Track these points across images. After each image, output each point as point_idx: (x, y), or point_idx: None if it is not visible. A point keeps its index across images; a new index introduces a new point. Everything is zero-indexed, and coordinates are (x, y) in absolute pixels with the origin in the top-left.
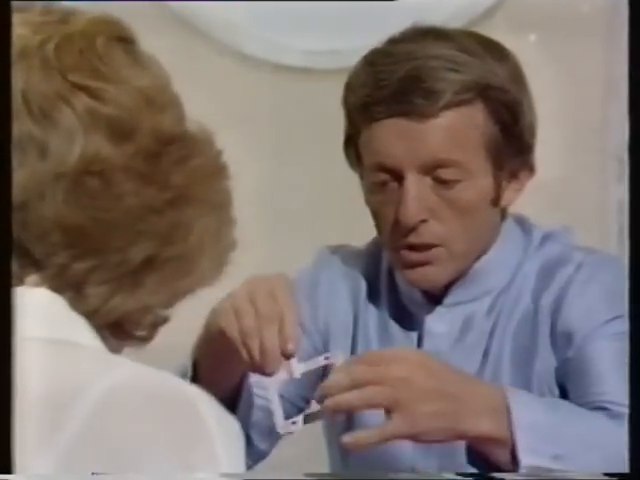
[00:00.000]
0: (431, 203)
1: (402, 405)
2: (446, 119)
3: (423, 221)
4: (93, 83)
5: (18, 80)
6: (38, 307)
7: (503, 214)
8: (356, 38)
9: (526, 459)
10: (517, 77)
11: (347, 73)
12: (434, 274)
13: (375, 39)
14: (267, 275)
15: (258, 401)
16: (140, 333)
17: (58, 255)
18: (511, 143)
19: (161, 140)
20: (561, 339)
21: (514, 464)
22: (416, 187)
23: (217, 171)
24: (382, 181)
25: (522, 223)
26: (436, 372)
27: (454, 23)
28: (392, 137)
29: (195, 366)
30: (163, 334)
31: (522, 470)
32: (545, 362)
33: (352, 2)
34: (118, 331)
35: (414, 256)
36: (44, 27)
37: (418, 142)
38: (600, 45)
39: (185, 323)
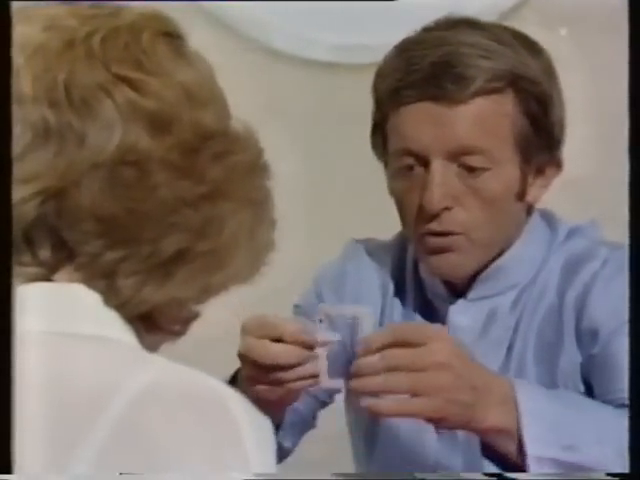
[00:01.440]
0: (456, 191)
1: (432, 392)
2: (476, 106)
3: (447, 209)
4: (135, 75)
5: (61, 70)
6: (73, 303)
7: (529, 211)
8: (384, 33)
9: (534, 449)
10: (549, 71)
11: (376, 68)
12: (457, 262)
13: (403, 34)
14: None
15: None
16: (172, 327)
17: (90, 244)
18: (540, 136)
19: (200, 134)
20: (586, 335)
21: (522, 455)
22: (442, 174)
23: (257, 169)
24: (407, 166)
25: (548, 218)
26: (466, 363)
27: (484, 17)
28: (420, 122)
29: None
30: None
31: (532, 461)
32: (570, 358)
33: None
34: (151, 325)
35: (436, 241)
36: (93, 20)
37: (446, 128)
38: (627, 40)
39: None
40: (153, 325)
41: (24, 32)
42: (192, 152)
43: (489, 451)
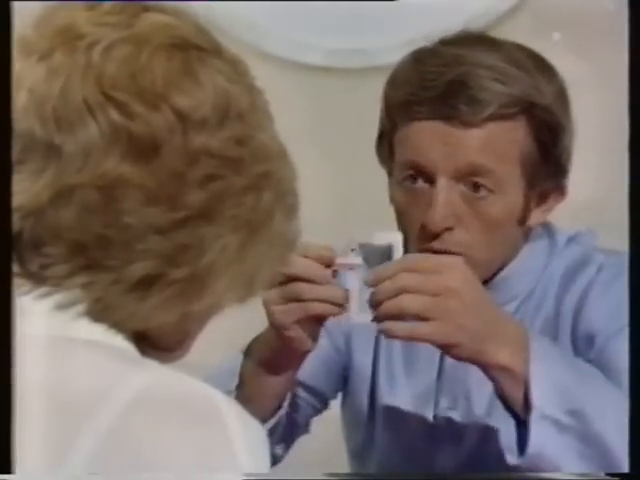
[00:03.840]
0: (459, 211)
1: (443, 316)
2: (487, 131)
3: (448, 229)
4: (124, 97)
5: (58, 80)
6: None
7: (528, 232)
8: (378, 37)
9: (539, 403)
10: (563, 98)
11: (369, 72)
12: None
13: (398, 38)
14: None
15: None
16: (170, 348)
17: (55, 268)
18: (547, 164)
19: (189, 158)
20: (582, 341)
21: (527, 408)
22: (446, 193)
23: (252, 189)
24: (413, 179)
25: (547, 228)
26: (480, 294)
27: (477, 23)
28: (430, 139)
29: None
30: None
31: (536, 415)
32: None
33: (375, 2)
34: (147, 345)
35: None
36: (105, 27)
37: (456, 147)
38: (627, 43)
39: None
40: (149, 345)
41: (31, 38)
42: (175, 177)
43: (501, 398)
